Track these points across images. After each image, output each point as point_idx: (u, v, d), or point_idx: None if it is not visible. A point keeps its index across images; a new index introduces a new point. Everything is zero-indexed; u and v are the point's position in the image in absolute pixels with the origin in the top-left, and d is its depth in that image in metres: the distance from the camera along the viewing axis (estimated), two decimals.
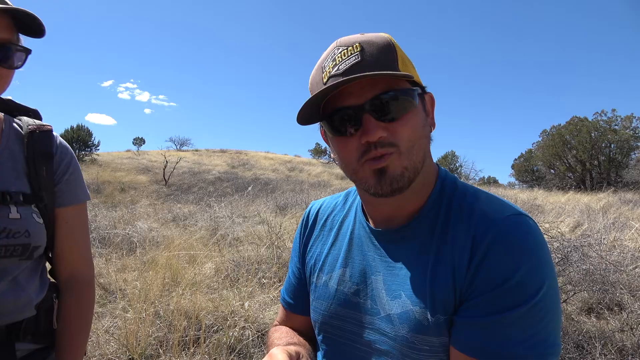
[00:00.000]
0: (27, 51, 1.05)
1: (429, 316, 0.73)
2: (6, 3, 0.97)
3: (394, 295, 0.79)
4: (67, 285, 1.19)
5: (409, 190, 0.79)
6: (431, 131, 0.84)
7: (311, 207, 1.08)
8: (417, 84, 0.80)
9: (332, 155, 0.86)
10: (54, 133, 1.19)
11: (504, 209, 0.75)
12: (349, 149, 0.78)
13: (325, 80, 0.77)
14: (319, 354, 0.94)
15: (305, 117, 0.80)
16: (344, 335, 0.87)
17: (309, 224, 1.04)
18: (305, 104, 0.76)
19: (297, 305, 1.04)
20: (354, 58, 0.74)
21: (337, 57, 0.76)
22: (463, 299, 0.72)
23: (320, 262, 0.95)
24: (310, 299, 0.97)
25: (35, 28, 1.03)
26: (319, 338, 0.94)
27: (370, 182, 0.78)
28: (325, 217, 1.02)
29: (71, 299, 1.18)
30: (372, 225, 0.89)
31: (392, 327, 0.78)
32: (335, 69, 0.75)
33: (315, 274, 0.96)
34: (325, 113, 0.80)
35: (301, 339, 0.99)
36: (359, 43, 0.75)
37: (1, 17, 0.97)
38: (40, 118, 1.25)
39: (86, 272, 1.22)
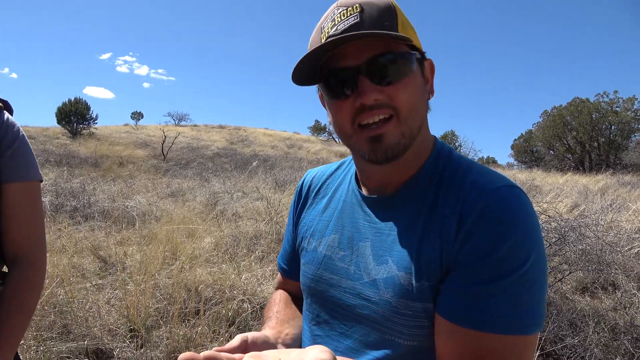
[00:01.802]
0: None
1: (413, 281, 0.74)
2: None
3: (381, 261, 0.79)
4: (11, 266, 1.14)
5: (404, 157, 0.79)
6: (429, 99, 0.84)
7: (306, 175, 1.08)
8: (416, 48, 0.79)
9: (329, 120, 0.85)
10: (4, 112, 1.16)
11: (495, 180, 0.75)
12: (343, 112, 0.77)
13: (323, 40, 0.76)
14: (304, 319, 0.96)
15: (301, 77, 0.79)
16: (329, 300, 0.87)
17: (303, 193, 1.05)
18: (300, 61, 0.75)
19: (291, 271, 1.06)
20: (353, 19, 0.73)
21: (336, 18, 0.75)
22: (450, 268, 0.72)
23: (312, 229, 0.96)
24: (300, 264, 0.98)
25: None
26: (307, 302, 0.95)
27: (365, 148, 0.77)
28: (319, 185, 1.02)
29: (11, 279, 1.12)
30: (364, 192, 0.89)
31: (377, 291, 0.78)
32: (334, 29, 0.74)
33: (307, 240, 0.97)
34: (322, 75, 0.79)
35: (289, 311, 1.01)
36: (359, 4, 0.74)
37: None
38: (10, 110, 1.21)
39: (30, 254, 1.16)
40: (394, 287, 0.76)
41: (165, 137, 21.29)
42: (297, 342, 0.91)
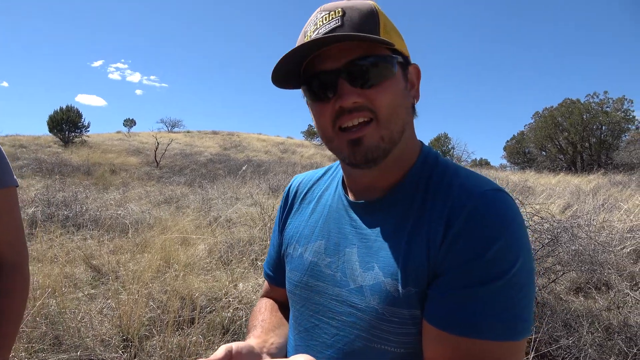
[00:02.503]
0: None
1: (400, 288, 0.73)
2: None
3: (367, 267, 0.78)
4: None
5: (388, 162, 0.79)
6: (414, 103, 0.83)
7: (293, 181, 1.08)
8: (399, 52, 0.78)
9: (313, 123, 0.85)
10: None
11: (482, 184, 0.74)
12: (325, 114, 0.78)
13: (307, 40, 0.77)
14: (290, 326, 0.95)
15: (283, 79, 0.80)
16: (313, 308, 0.86)
17: (290, 198, 1.04)
18: (278, 62, 0.75)
19: (277, 278, 1.05)
20: (334, 22, 0.74)
21: (318, 22, 0.76)
22: (437, 273, 0.71)
23: (298, 235, 0.95)
24: (286, 271, 0.97)
25: None
26: (292, 310, 0.94)
27: (345, 151, 0.78)
28: (305, 191, 1.01)
29: None
30: (350, 198, 0.88)
31: (363, 298, 0.77)
32: (316, 32, 0.75)
33: (292, 246, 0.96)
34: (305, 78, 0.80)
35: (275, 319, 1.01)
36: (342, 8, 0.75)
37: None
38: None
39: (14, 259, 1.16)
40: (380, 294, 0.75)
41: (158, 143, 21.20)
42: (282, 352, 0.90)
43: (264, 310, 1.05)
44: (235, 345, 0.75)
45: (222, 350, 0.70)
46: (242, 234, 5.88)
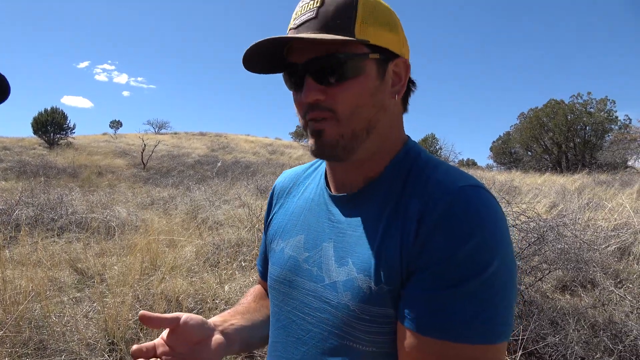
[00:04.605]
0: None
1: (372, 285, 0.71)
2: None
3: (342, 263, 0.76)
4: None
5: (361, 157, 0.78)
6: (396, 98, 0.80)
7: (280, 176, 1.07)
8: (378, 48, 0.75)
9: None
10: None
11: (459, 179, 0.72)
12: (298, 104, 0.78)
13: (287, 32, 0.77)
14: (270, 322, 0.94)
15: (256, 65, 0.80)
16: (291, 303, 0.85)
17: (276, 193, 1.03)
18: (249, 50, 0.75)
19: (265, 273, 1.04)
20: (309, 14, 0.73)
21: (298, 11, 0.76)
22: (410, 271, 0.69)
23: (281, 229, 0.94)
24: (268, 265, 0.96)
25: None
26: (271, 305, 0.93)
27: (310, 141, 0.78)
28: (291, 185, 1.01)
29: None
30: (332, 191, 0.87)
31: (336, 294, 0.75)
32: (294, 22, 0.75)
33: (276, 241, 0.95)
34: (285, 65, 0.80)
35: (253, 305, 1.03)
36: None
37: None
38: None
39: None
40: (352, 290, 0.73)
41: (145, 145, 20.98)
42: (240, 334, 0.89)
43: (249, 294, 1.07)
44: (185, 315, 0.77)
45: (172, 314, 0.74)
46: (230, 235, 5.84)
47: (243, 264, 4.88)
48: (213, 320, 0.86)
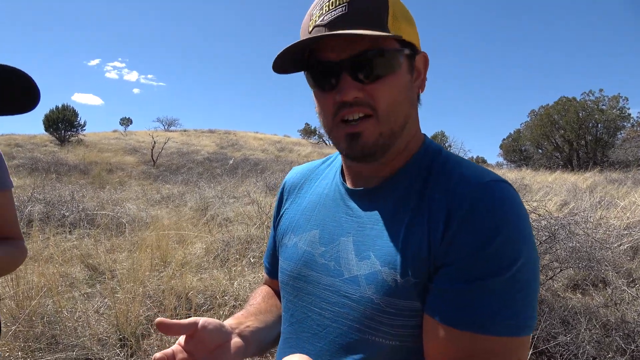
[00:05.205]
0: None
1: (398, 278, 0.71)
2: None
3: (363, 256, 0.76)
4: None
5: (389, 155, 0.78)
6: (419, 93, 0.82)
7: (290, 172, 1.07)
8: (407, 43, 0.76)
9: (315, 108, 0.83)
10: None
11: (484, 175, 0.73)
12: (326, 104, 0.76)
13: (310, 29, 0.75)
14: (282, 318, 0.93)
15: (283, 66, 0.78)
16: (306, 298, 0.85)
17: (286, 188, 1.03)
18: (282, 52, 0.73)
19: (273, 270, 1.04)
20: (340, 9, 0.71)
21: (324, 6, 0.73)
22: (438, 265, 0.69)
23: (293, 224, 0.94)
24: (279, 261, 0.96)
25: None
26: (283, 301, 0.93)
27: (343, 144, 0.77)
28: (302, 181, 1.00)
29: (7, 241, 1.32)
30: (349, 186, 0.87)
31: (358, 288, 0.75)
32: (321, 19, 0.73)
33: (288, 236, 0.94)
34: (309, 62, 0.78)
35: (264, 305, 1.01)
36: None
37: None
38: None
39: (19, 240, 1.38)
40: (376, 284, 0.73)
41: (154, 142, 21.11)
42: (256, 335, 0.87)
43: (257, 295, 1.05)
44: (202, 320, 0.74)
45: (189, 320, 0.72)
46: (240, 232, 5.86)
47: (252, 260, 4.90)
48: (228, 322, 0.84)
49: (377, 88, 0.73)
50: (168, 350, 0.72)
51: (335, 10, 0.72)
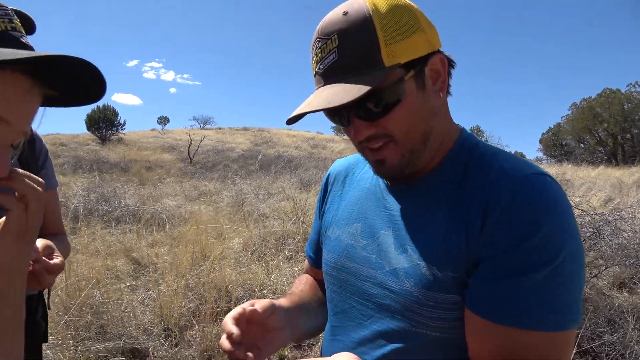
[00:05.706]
0: None
1: (436, 272, 0.72)
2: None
3: (402, 250, 0.78)
4: None
5: (420, 158, 0.79)
6: (441, 96, 0.78)
7: (334, 165, 1.09)
8: (410, 63, 0.71)
9: None
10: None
11: (524, 168, 0.71)
12: (349, 136, 0.79)
13: (314, 72, 0.77)
14: (328, 308, 0.96)
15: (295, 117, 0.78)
16: (349, 289, 0.87)
17: (330, 181, 1.05)
18: (295, 116, 0.75)
19: (317, 259, 1.06)
20: (332, 57, 0.71)
21: (318, 52, 0.74)
22: (477, 260, 0.69)
23: (337, 217, 0.96)
24: (323, 253, 0.98)
25: None
26: (328, 292, 0.95)
27: (372, 168, 0.82)
28: (345, 175, 1.02)
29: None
30: (388, 181, 0.88)
31: (398, 281, 0.76)
32: (318, 66, 0.74)
33: (331, 229, 0.97)
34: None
35: (309, 292, 1.05)
36: (336, 35, 0.70)
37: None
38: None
39: (64, 235, 1.46)
40: (415, 277, 0.74)
41: (191, 140, 21.59)
42: (298, 324, 0.92)
43: (299, 284, 1.09)
44: (255, 304, 0.80)
45: (264, 305, 0.80)
46: (276, 228, 5.94)
47: (288, 254, 4.96)
48: (277, 301, 0.89)
49: (388, 120, 0.73)
50: (238, 309, 0.77)
51: (327, 57, 0.72)
